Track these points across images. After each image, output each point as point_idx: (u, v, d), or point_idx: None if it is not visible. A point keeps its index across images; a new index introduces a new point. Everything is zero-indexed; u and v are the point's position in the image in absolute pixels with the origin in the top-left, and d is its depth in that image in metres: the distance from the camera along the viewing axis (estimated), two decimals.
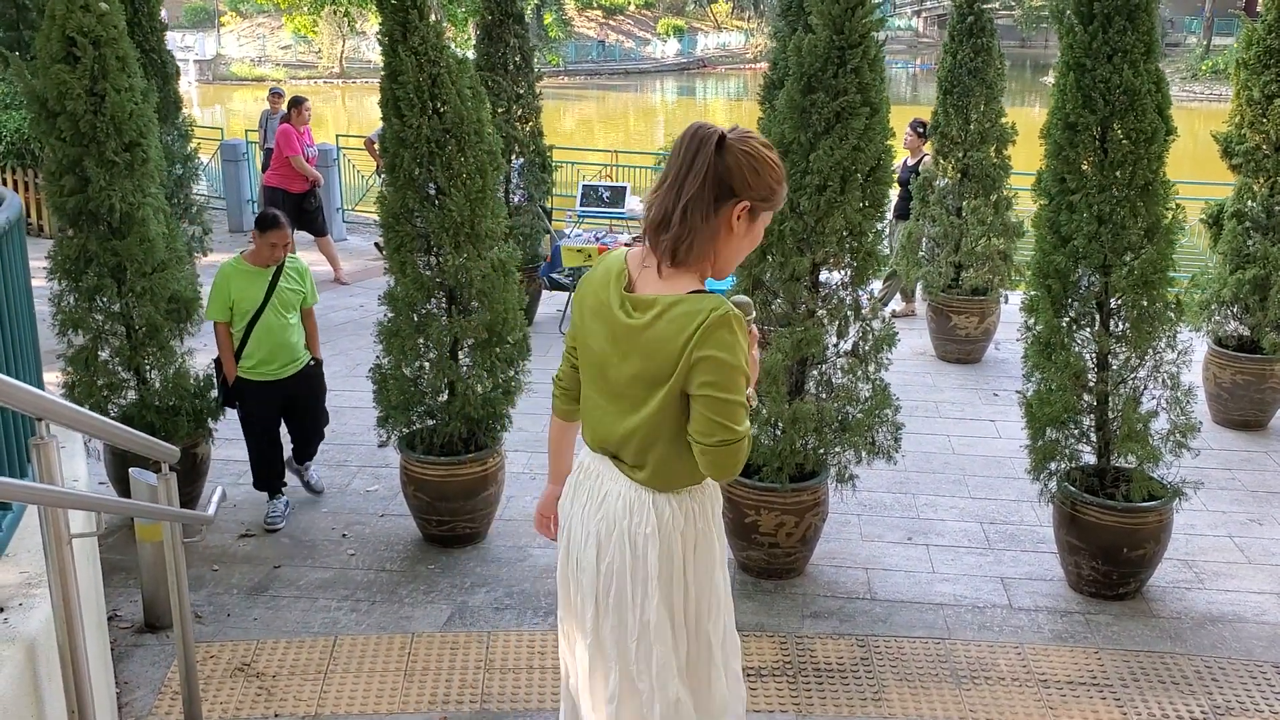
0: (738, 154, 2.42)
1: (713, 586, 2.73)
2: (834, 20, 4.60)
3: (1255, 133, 6.81)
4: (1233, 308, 7.07)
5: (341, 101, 43.86)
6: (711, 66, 59.76)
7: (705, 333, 2.39)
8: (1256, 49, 6.74)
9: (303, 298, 5.57)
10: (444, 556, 5.27)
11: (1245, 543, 5.55)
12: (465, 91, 5.01)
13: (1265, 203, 6.86)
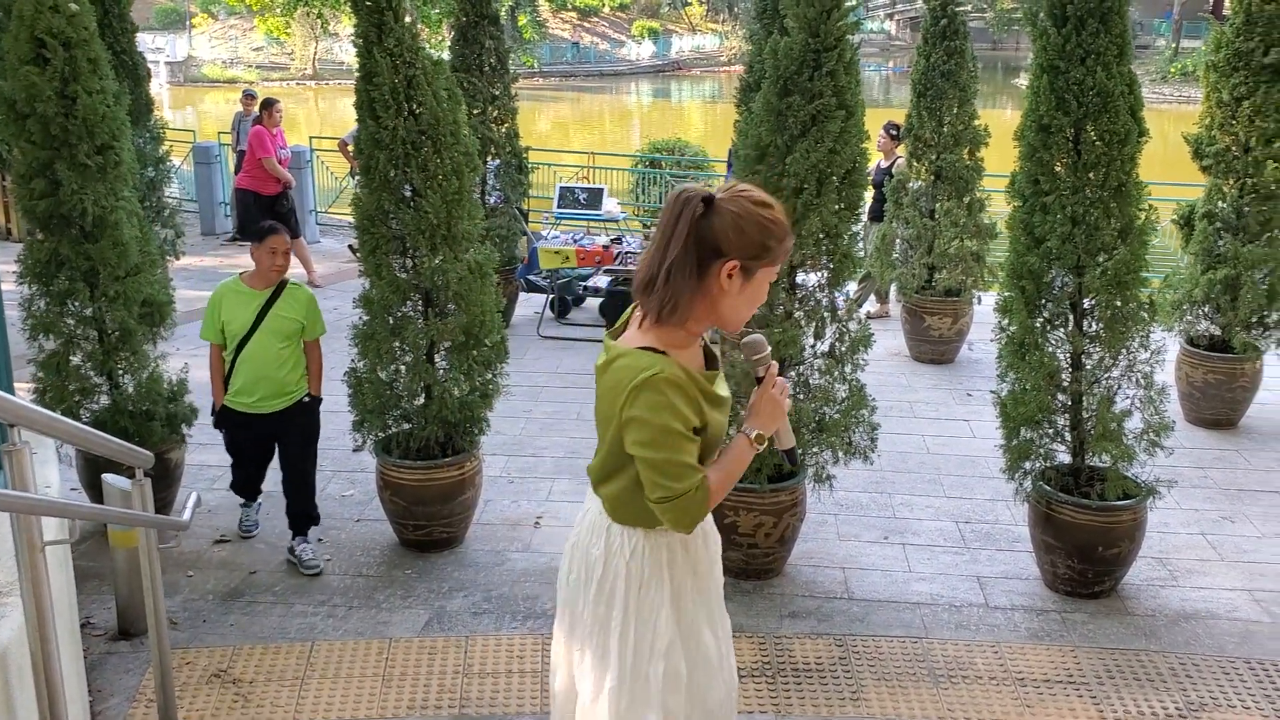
0: (724, 213, 2.44)
1: (653, 631, 2.67)
2: (809, 23, 4.62)
3: (1225, 134, 6.88)
4: (1204, 308, 7.14)
5: (314, 103, 43.65)
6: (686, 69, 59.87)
7: (632, 394, 2.45)
8: (1225, 52, 6.81)
9: (301, 328, 5.07)
10: (421, 561, 5.24)
11: (1218, 540, 5.61)
12: (441, 93, 5.00)
13: (1235, 203, 6.93)
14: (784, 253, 2.50)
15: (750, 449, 2.57)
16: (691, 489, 2.47)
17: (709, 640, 2.76)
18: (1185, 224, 7.29)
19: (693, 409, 2.48)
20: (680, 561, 2.69)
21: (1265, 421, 7.35)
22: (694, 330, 2.57)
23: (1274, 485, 6.33)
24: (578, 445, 6.73)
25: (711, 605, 2.81)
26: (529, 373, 8.14)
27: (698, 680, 2.73)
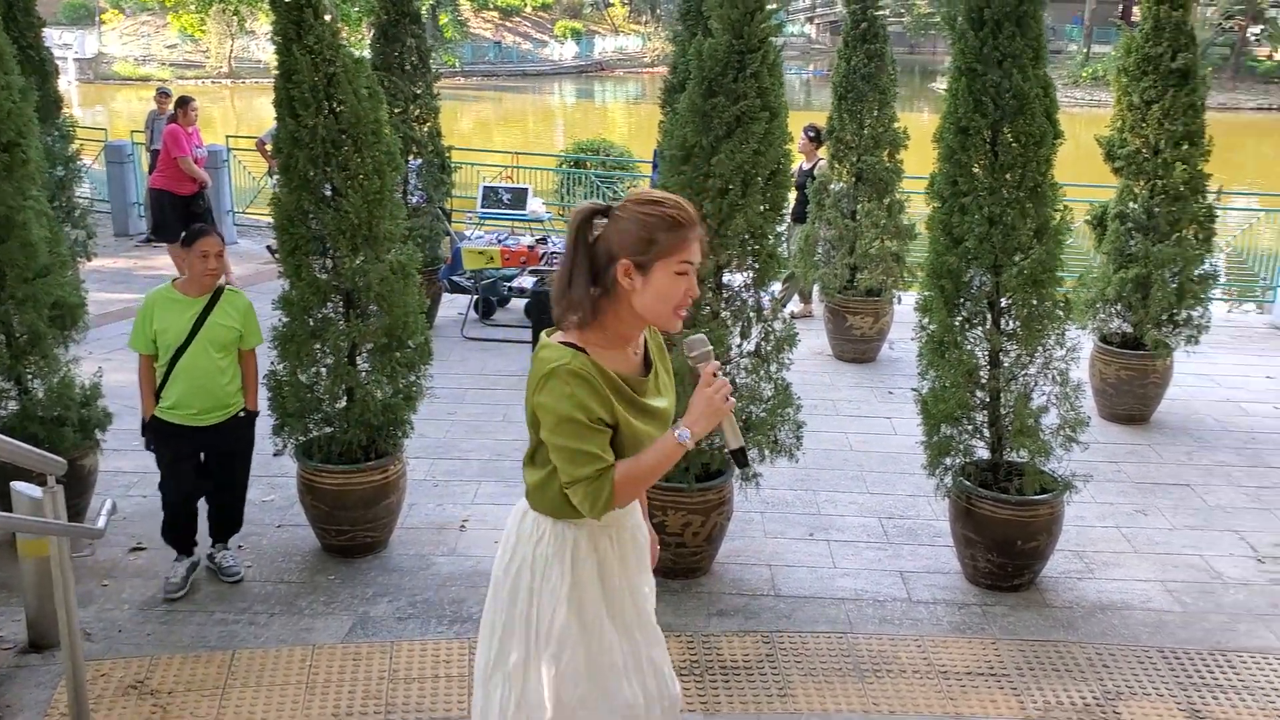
0: (614, 219, 2.57)
1: (550, 619, 2.71)
2: (733, 25, 4.64)
3: (1136, 137, 7.07)
4: (1116, 306, 7.33)
5: (231, 102, 42.82)
6: (609, 69, 59.86)
7: (540, 382, 2.56)
8: (1135, 57, 7.00)
9: (239, 336, 4.81)
10: (344, 567, 5.17)
11: (1131, 533, 5.76)
12: (362, 91, 4.94)
13: (1146, 204, 7.12)
14: (680, 244, 2.54)
15: (677, 447, 2.56)
16: (591, 476, 2.55)
17: (613, 641, 2.75)
18: (1098, 224, 7.47)
19: (598, 402, 2.54)
20: (584, 555, 2.73)
21: (1175, 416, 7.57)
22: (621, 332, 2.63)
23: (1184, 478, 6.52)
24: (503, 448, 6.69)
25: (624, 608, 2.80)
26: (453, 375, 8.07)
27: (599, 680, 2.73)
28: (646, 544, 2.95)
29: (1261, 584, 5.25)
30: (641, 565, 2.90)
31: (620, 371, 2.61)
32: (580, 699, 2.71)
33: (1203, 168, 7.03)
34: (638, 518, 2.93)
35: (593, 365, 2.56)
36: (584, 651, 2.71)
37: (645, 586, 2.92)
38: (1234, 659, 4.57)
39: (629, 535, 2.86)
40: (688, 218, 2.56)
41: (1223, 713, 4.20)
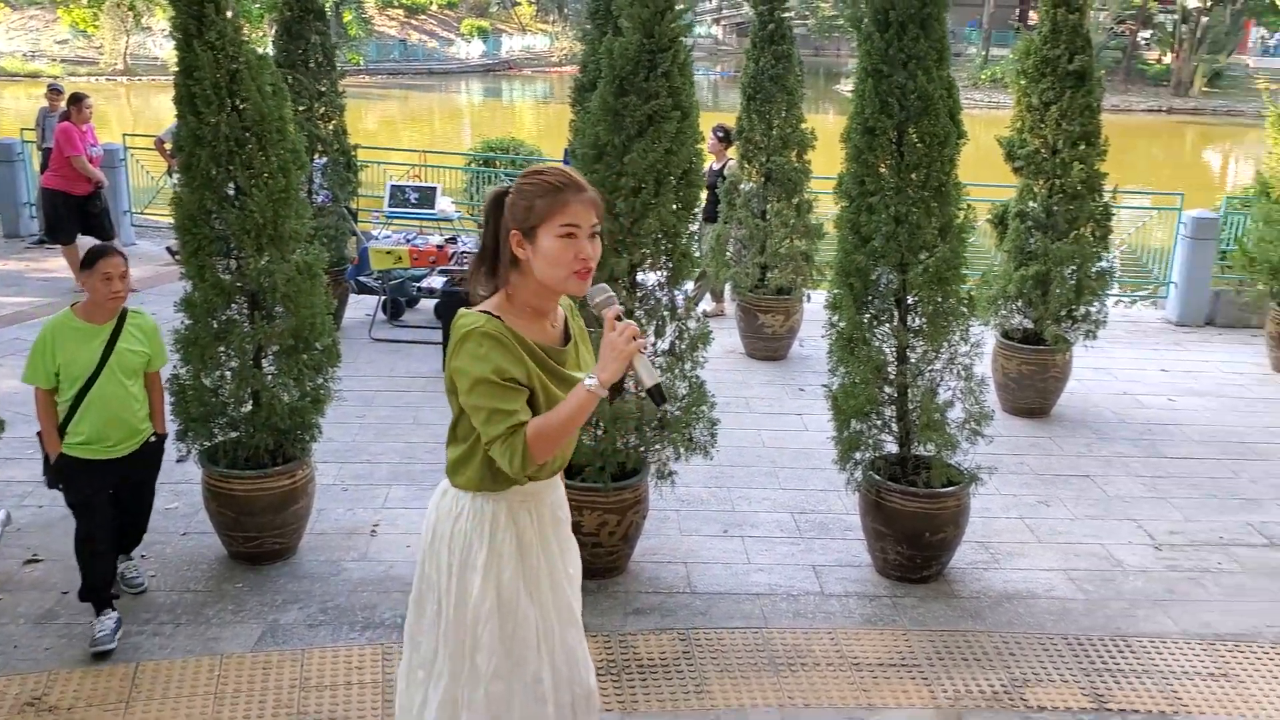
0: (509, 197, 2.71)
1: (468, 600, 2.78)
2: (644, 24, 4.65)
3: (1035, 137, 7.26)
4: (1017, 302, 7.52)
5: (127, 100, 41.62)
6: (517, 69, 59.56)
7: (456, 346, 2.66)
8: (1033, 59, 7.19)
9: (147, 360, 4.53)
10: (252, 574, 5.06)
11: (1034, 523, 5.90)
12: (266, 88, 4.83)
13: (1045, 203, 7.32)
14: (559, 207, 2.62)
15: (588, 396, 2.59)
16: (505, 433, 2.60)
17: (528, 616, 2.81)
18: (999, 223, 7.66)
19: (511, 362, 2.62)
20: (503, 529, 2.78)
21: (1075, 409, 7.79)
22: (532, 304, 2.72)
23: (1084, 469, 6.71)
24: (414, 450, 6.61)
25: (541, 586, 2.84)
26: (361, 377, 7.95)
27: (512, 652, 2.80)
28: (569, 529, 2.98)
29: (1159, 571, 5.43)
30: (565, 549, 2.94)
31: (538, 340, 2.69)
32: (494, 671, 2.79)
33: (1099, 167, 7.25)
34: (560, 497, 2.95)
35: (507, 329, 2.64)
36: (498, 624, 2.78)
37: (570, 568, 2.96)
38: (1134, 644, 4.72)
39: (549, 513, 2.89)
40: (567, 181, 2.64)
41: (1124, 696, 4.33)
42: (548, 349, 2.72)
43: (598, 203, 2.69)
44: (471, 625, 2.79)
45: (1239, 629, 4.90)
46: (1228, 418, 7.83)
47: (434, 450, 6.54)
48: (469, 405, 2.64)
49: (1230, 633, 4.86)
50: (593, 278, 2.69)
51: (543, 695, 2.82)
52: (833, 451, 5.26)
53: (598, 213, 2.68)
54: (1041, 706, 4.25)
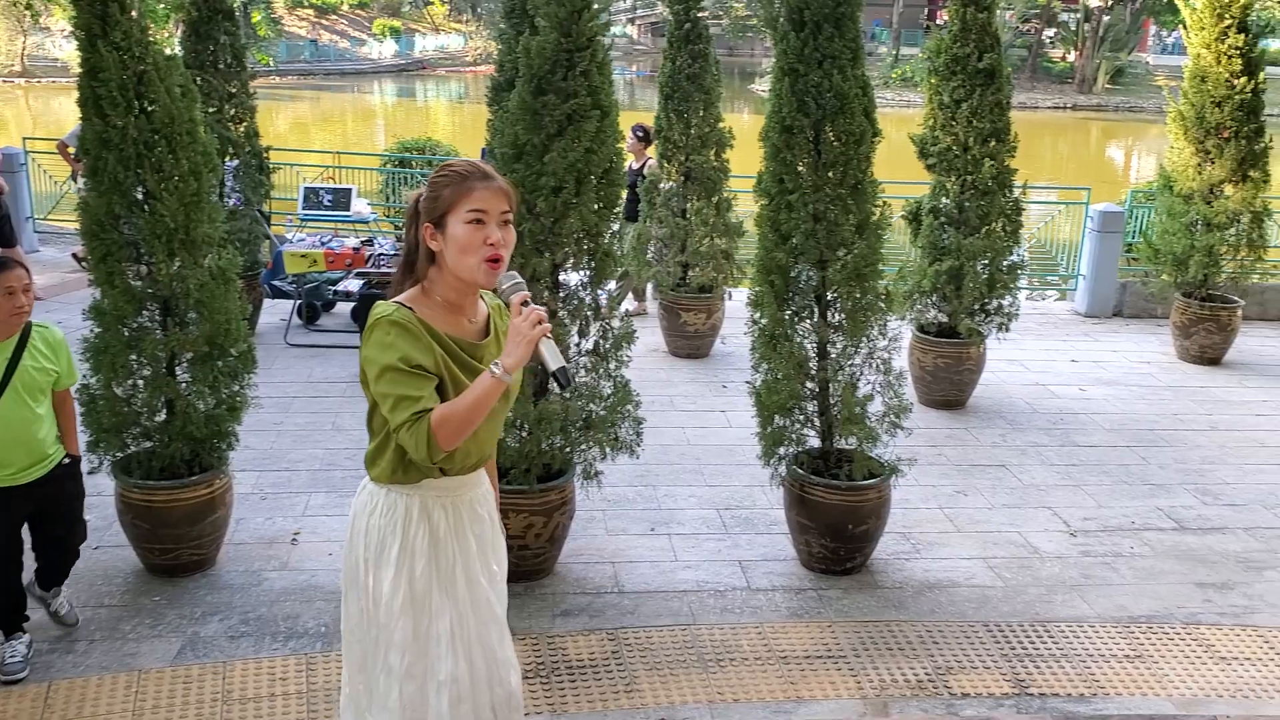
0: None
1: (382, 595, 2.79)
2: (561, 23, 4.64)
3: (947, 134, 7.39)
4: (932, 297, 7.65)
5: (25, 102, 40.36)
6: (431, 68, 59.05)
7: (365, 336, 2.70)
8: (944, 57, 7.32)
9: (55, 378, 4.22)
10: (170, 587, 4.94)
11: (953, 513, 6.02)
12: (175, 90, 4.72)
13: (957, 199, 7.46)
14: (465, 194, 2.65)
15: (494, 382, 2.59)
16: (410, 420, 2.59)
17: (441, 612, 2.80)
18: (913, 219, 7.78)
19: (418, 350, 2.63)
20: (416, 523, 2.79)
21: (989, 401, 7.95)
22: (449, 298, 2.74)
23: (1000, 459, 6.86)
24: (334, 457, 6.52)
25: (456, 583, 2.83)
26: (278, 383, 7.81)
27: (424, 650, 2.80)
28: (494, 527, 2.95)
29: (1074, 556, 5.57)
30: (484, 546, 2.91)
31: (451, 333, 2.71)
32: (407, 668, 2.79)
33: (1009, 163, 7.40)
34: (481, 494, 2.93)
35: (416, 318, 2.66)
36: (411, 621, 2.78)
37: (494, 565, 2.93)
38: (1052, 628, 4.83)
39: (467, 509, 2.87)
40: (472, 170, 2.68)
41: (1044, 680, 4.43)
42: (460, 341, 2.72)
43: (508, 192, 2.71)
44: (385, 622, 2.79)
45: (1152, 611, 5.04)
46: (1136, 406, 8.06)
47: (354, 456, 6.45)
48: (377, 393, 2.65)
49: (1144, 615, 5.00)
50: (508, 270, 2.70)
51: (458, 696, 2.80)
52: (756, 447, 5.30)
53: (509, 201, 2.70)
54: (965, 693, 4.33)
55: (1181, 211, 9.16)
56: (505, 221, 2.69)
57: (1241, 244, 9.08)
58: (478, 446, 2.82)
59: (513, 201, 2.72)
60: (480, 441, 2.82)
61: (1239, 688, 4.44)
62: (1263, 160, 8.97)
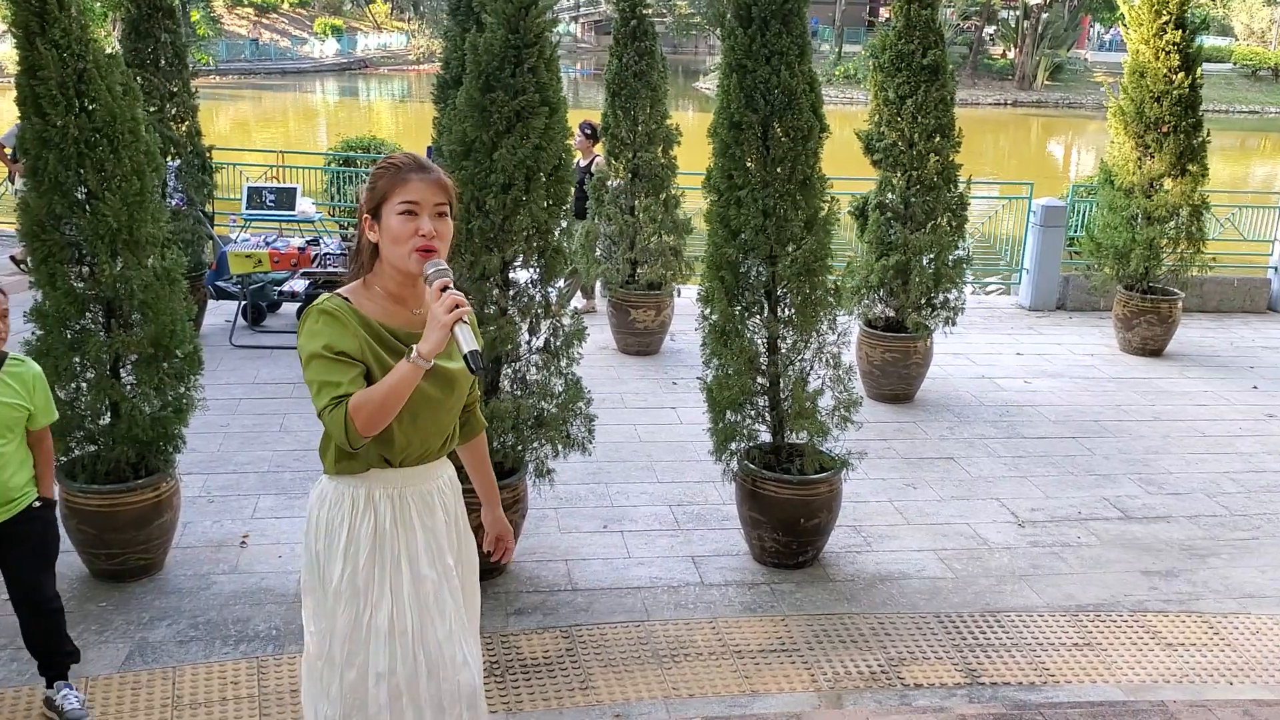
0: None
1: (329, 585, 2.82)
2: (508, 19, 4.62)
3: (892, 130, 7.46)
4: (880, 292, 7.72)
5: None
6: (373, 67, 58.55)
7: (299, 326, 2.76)
8: (889, 54, 7.39)
9: (27, 415, 3.81)
10: (117, 592, 4.85)
11: (903, 506, 6.08)
12: (116, 88, 4.64)
13: (903, 194, 7.53)
14: (398, 185, 2.68)
15: (410, 368, 2.60)
16: (330, 404, 2.62)
17: (383, 604, 2.79)
18: (860, 215, 7.84)
19: (343, 337, 2.66)
20: (361, 514, 2.80)
21: (937, 394, 8.04)
22: (390, 289, 2.76)
23: (948, 452, 6.94)
24: (281, 459, 6.44)
25: (401, 578, 2.81)
26: (224, 385, 7.70)
27: (369, 642, 2.80)
28: (455, 522, 2.92)
29: (1023, 547, 5.65)
30: (437, 540, 2.87)
31: (388, 323, 2.72)
32: (347, 658, 2.80)
33: (954, 159, 7.49)
34: (435, 487, 2.89)
35: (348, 308, 2.69)
36: (354, 611, 2.79)
37: (449, 559, 2.89)
38: (1002, 618, 4.90)
39: (417, 500, 2.85)
40: (408, 162, 2.72)
41: (995, 670, 4.49)
42: (396, 330, 2.73)
43: (445, 185, 2.73)
44: (330, 611, 2.81)
45: (1099, 599, 5.13)
46: (1081, 397, 8.20)
47: (301, 457, 6.38)
48: (306, 380, 2.69)
49: (1091, 603, 5.08)
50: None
51: (397, 688, 2.79)
52: (708, 443, 5.32)
53: (445, 194, 2.72)
54: (917, 684, 4.38)
55: (1122, 205, 9.32)
56: (440, 213, 2.71)
57: (1181, 237, 9.26)
58: (421, 437, 2.80)
59: (450, 195, 2.74)
60: (425, 432, 2.81)
61: (1185, 673, 4.53)
62: (1201, 154, 9.16)
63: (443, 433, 2.87)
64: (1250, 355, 9.65)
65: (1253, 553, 5.68)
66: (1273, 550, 5.72)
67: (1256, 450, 7.19)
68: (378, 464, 2.80)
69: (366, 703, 2.80)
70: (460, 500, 3.03)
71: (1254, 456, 7.08)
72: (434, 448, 2.87)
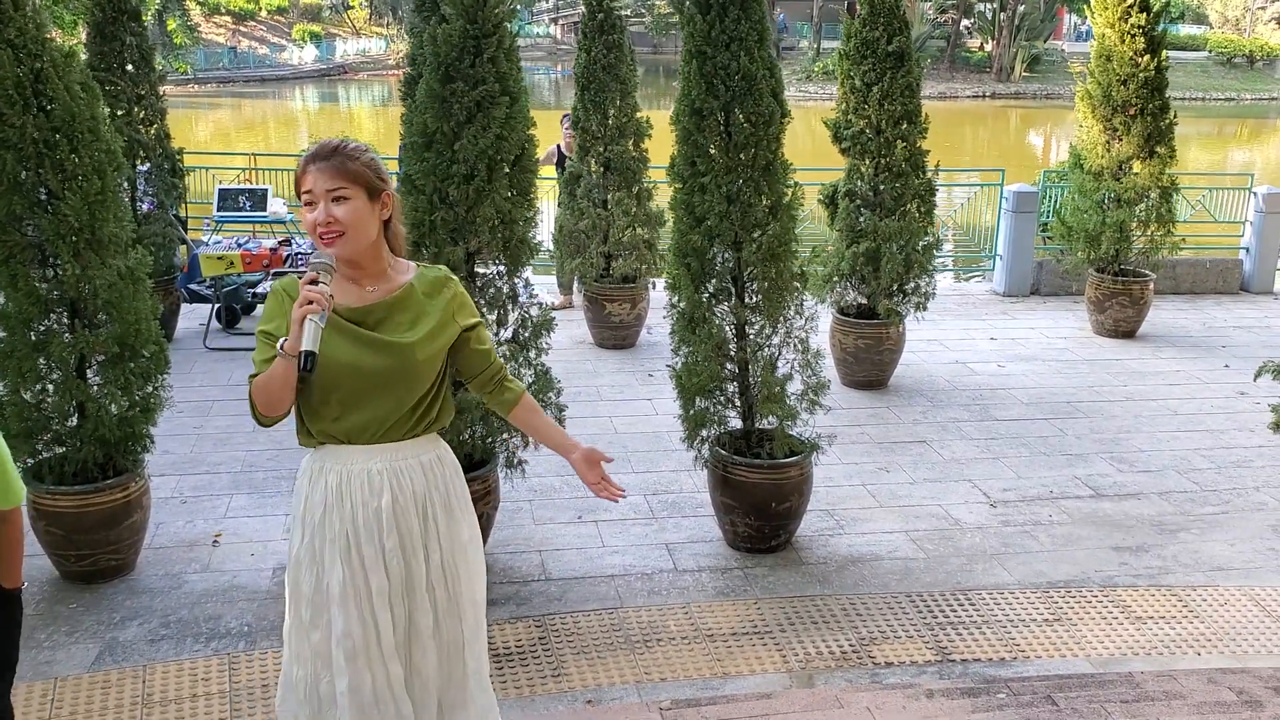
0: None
1: (292, 550, 2.92)
2: (467, 10, 4.63)
3: (859, 118, 7.48)
4: (851, 279, 7.74)
5: None
6: (353, 73, 58.38)
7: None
8: (855, 41, 7.42)
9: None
10: (87, 593, 4.84)
11: (876, 489, 6.10)
12: (75, 87, 4.62)
13: (871, 181, 7.56)
14: (300, 177, 2.77)
15: (278, 359, 2.67)
16: (249, 381, 2.78)
17: (333, 569, 2.82)
18: (830, 203, 7.86)
19: (277, 315, 2.77)
20: (314, 482, 2.87)
21: (910, 380, 8.08)
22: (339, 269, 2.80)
23: (921, 436, 6.97)
24: (255, 458, 6.43)
25: (349, 550, 2.83)
26: (197, 387, 7.68)
27: (326, 607, 2.85)
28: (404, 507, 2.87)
29: (994, 526, 5.68)
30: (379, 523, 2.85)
31: (337, 301, 2.74)
32: (312, 619, 2.87)
33: (921, 144, 7.51)
34: (391, 468, 2.86)
35: (296, 285, 2.74)
36: (314, 575, 2.86)
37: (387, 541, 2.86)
38: (974, 597, 4.93)
39: (361, 478, 2.84)
40: (313, 151, 2.78)
41: (965, 647, 4.51)
42: (339, 308, 2.77)
43: (342, 169, 2.73)
44: (295, 575, 2.90)
45: (1070, 576, 5.16)
46: (1053, 380, 8.24)
47: (275, 457, 6.38)
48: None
49: (1062, 580, 5.12)
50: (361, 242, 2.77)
51: (353, 650, 2.82)
52: (682, 432, 5.33)
53: (343, 178, 2.73)
54: (889, 662, 4.40)
55: (1092, 189, 9.37)
56: (338, 198, 2.72)
57: (1151, 219, 9.31)
58: (369, 417, 2.81)
59: (353, 178, 2.74)
60: (374, 412, 2.81)
61: (1154, 645, 4.56)
62: (1168, 136, 9.21)
63: (397, 413, 2.84)
64: (1222, 335, 9.72)
65: (1222, 527, 5.72)
66: (1241, 524, 5.76)
67: (1227, 427, 7.24)
68: (329, 440, 2.85)
69: (331, 663, 2.86)
70: (446, 488, 2.96)
71: (1225, 433, 7.13)
72: (388, 427, 2.84)
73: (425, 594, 2.92)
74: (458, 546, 2.99)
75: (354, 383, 2.77)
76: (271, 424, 2.80)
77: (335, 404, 2.78)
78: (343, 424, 2.81)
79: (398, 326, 2.82)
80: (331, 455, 2.86)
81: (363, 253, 2.79)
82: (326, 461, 2.86)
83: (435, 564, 2.94)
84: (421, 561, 2.91)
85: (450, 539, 2.98)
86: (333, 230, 2.71)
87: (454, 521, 2.99)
